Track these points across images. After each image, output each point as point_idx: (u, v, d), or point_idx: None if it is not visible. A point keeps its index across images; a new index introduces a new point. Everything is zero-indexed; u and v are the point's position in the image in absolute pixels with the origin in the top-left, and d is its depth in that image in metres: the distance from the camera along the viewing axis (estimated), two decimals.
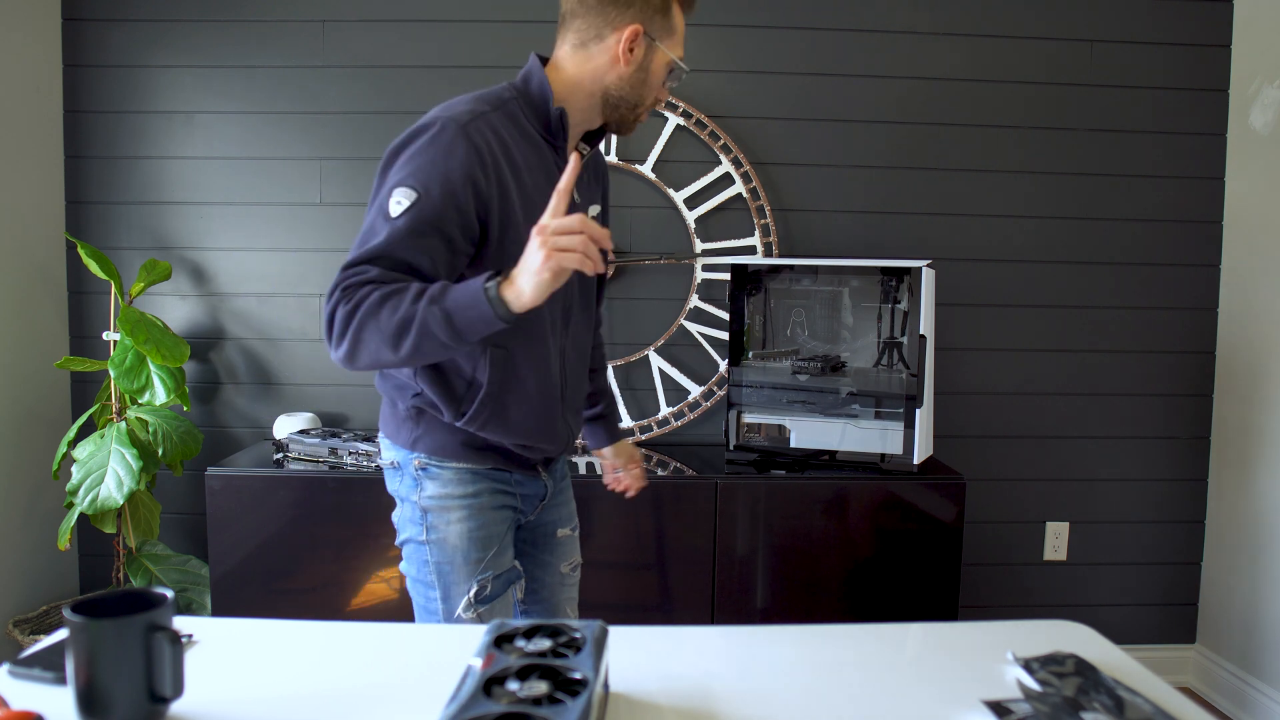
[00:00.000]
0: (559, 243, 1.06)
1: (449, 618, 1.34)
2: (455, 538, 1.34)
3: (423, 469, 1.36)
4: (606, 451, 1.69)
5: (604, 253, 1.21)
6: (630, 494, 1.71)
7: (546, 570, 1.53)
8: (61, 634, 0.95)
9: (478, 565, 1.35)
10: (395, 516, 1.42)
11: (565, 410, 1.41)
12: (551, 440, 1.39)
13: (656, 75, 1.33)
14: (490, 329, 1.12)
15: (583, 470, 2.24)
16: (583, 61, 1.32)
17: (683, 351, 2.58)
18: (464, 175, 1.19)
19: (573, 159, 1.16)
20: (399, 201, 1.18)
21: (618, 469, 1.69)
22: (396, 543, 1.41)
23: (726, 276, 2.51)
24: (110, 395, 2.38)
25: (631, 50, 1.30)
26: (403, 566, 1.40)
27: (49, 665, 0.92)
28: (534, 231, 1.08)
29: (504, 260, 1.22)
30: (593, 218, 1.33)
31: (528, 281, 1.08)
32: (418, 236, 1.17)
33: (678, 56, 1.34)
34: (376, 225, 1.18)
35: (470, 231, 1.22)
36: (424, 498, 1.35)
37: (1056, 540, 2.67)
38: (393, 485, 1.41)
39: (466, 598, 1.34)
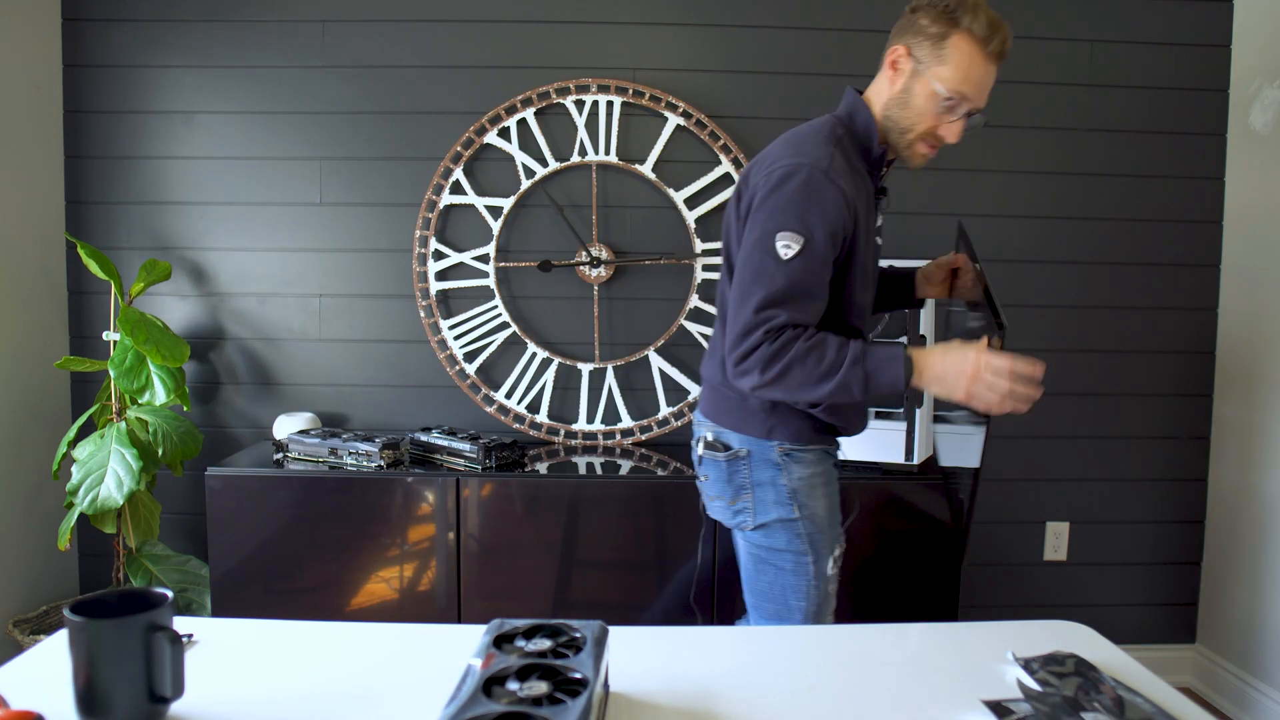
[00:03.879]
0: (1014, 390, 1.30)
1: (819, 577, 1.52)
2: (823, 511, 1.53)
3: (786, 454, 1.50)
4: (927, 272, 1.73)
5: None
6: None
7: None
8: (61, 634, 0.95)
9: (836, 529, 1.56)
10: (736, 503, 1.53)
11: None
12: (863, 419, 1.61)
13: (920, 99, 1.40)
14: (892, 392, 1.35)
15: (582, 470, 2.24)
16: (874, 89, 1.47)
17: (683, 351, 2.58)
18: (836, 218, 1.35)
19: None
20: (787, 245, 1.34)
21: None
22: (751, 525, 1.52)
23: None
24: (110, 395, 2.38)
25: (895, 69, 1.42)
26: (754, 541, 1.53)
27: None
28: (1000, 365, 1.28)
29: (842, 282, 1.43)
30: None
31: (946, 385, 1.33)
32: (809, 275, 1.35)
33: (950, 90, 1.38)
34: (767, 266, 1.35)
35: (835, 262, 1.40)
36: (792, 480, 1.50)
37: (1056, 540, 2.67)
38: (733, 474, 1.53)
39: (834, 556, 1.54)
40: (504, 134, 2.50)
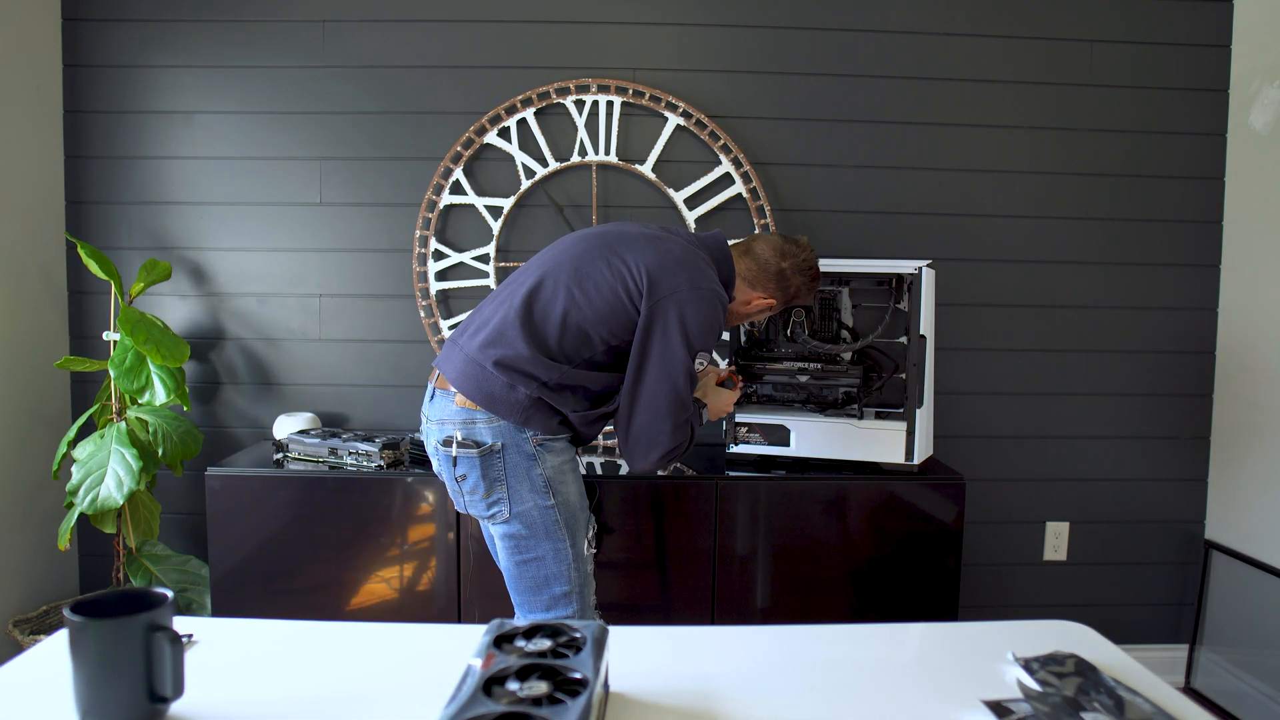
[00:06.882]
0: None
1: (578, 559, 1.68)
2: (574, 496, 1.69)
3: (540, 445, 1.64)
4: None
5: None
6: None
7: None
8: (61, 634, 0.95)
9: (586, 512, 1.73)
10: (489, 495, 1.64)
11: None
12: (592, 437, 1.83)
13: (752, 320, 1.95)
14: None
15: (582, 470, 2.24)
16: (744, 286, 1.84)
17: None
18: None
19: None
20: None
21: None
22: (504, 515, 1.64)
23: None
24: (110, 395, 2.38)
25: (755, 303, 1.85)
26: (509, 531, 1.65)
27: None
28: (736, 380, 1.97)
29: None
30: None
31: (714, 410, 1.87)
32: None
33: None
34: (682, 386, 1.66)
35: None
36: (547, 468, 1.65)
37: (1056, 540, 2.67)
38: (487, 469, 1.62)
39: (588, 538, 1.72)
40: (504, 134, 2.50)
